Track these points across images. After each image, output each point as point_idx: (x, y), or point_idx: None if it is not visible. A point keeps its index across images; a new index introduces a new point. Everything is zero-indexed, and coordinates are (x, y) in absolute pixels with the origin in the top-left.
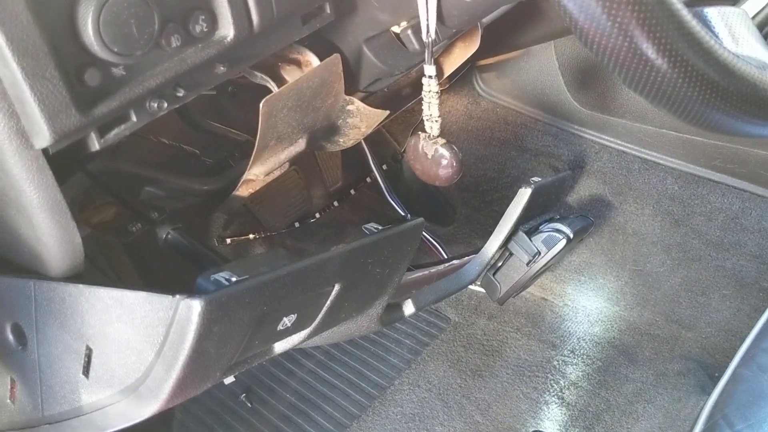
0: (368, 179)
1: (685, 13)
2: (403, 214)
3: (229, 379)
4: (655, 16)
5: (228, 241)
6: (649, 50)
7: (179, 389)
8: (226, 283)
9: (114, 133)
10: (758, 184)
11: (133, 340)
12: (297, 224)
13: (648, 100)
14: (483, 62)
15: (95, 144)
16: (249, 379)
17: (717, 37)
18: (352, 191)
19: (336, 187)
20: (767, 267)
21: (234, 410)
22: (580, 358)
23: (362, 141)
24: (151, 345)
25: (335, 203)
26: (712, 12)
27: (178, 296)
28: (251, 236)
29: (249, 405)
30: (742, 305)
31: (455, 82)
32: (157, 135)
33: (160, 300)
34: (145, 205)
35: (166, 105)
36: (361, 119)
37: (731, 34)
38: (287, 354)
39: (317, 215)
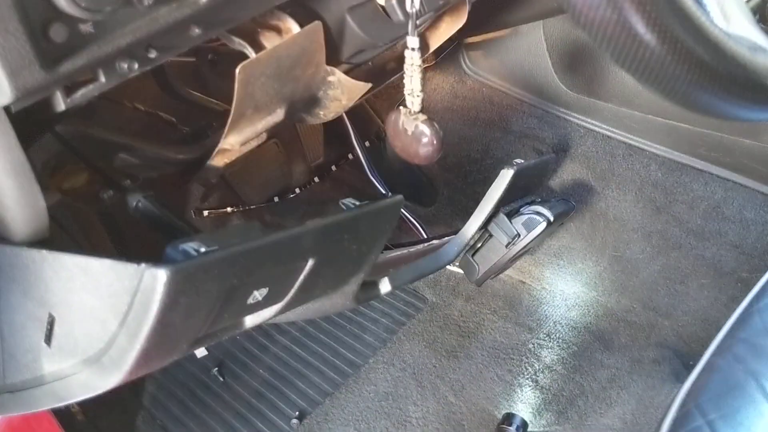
0: (350, 156)
1: None
2: (384, 192)
3: (201, 353)
4: None
5: (205, 213)
6: (638, 24)
7: (143, 360)
8: (195, 254)
9: (81, 93)
10: (742, 174)
11: (97, 309)
12: (276, 199)
13: (636, 78)
14: (470, 40)
15: (61, 104)
16: (222, 353)
17: (708, 14)
18: (334, 168)
19: (317, 162)
20: (746, 257)
21: (206, 384)
22: (555, 342)
23: (345, 117)
24: (115, 314)
25: (316, 179)
26: None
27: (143, 265)
28: (229, 209)
29: (221, 379)
30: (719, 295)
31: (442, 60)
32: (132, 101)
33: (125, 268)
34: (118, 172)
35: (137, 66)
36: (342, 91)
37: (723, 12)
38: (261, 329)
39: (297, 191)
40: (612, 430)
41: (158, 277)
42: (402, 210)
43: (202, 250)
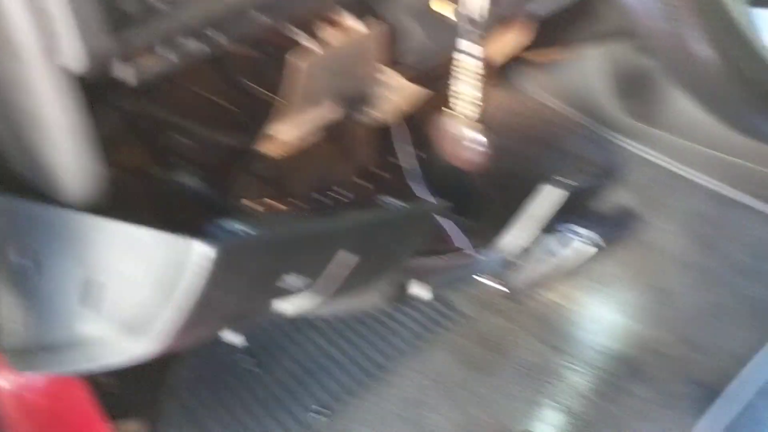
0: (402, 164)
1: (736, 9)
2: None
3: (231, 340)
4: (706, 6)
5: (248, 203)
6: (696, 40)
7: (183, 332)
8: (243, 234)
9: (151, 70)
10: None
11: (141, 278)
12: (321, 198)
13: (688, 94)
14: (532, 58)
15: (132, 78)
16: (252, 342)
17: (763, 37)
18: (384, 173)
19: (368, 167)
20: None
21: (233, 371)
22: (585, 367)
23: (397, 126)
24: (159, 286)
25: (364, 183)
26: (763, 14)
27: (194, 240)
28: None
29: (249, 368)
30: (756, 335)
31: (501, 75)
32: (191, 84)
33: (176, 241)
34: (170, 151)
35: (204, 47)
36: (399, 94)
37: None
38: (291, 322)
39: (344, 192)
40: None
41: (207, 253)
42: (446, 219)
43: (251, 231)
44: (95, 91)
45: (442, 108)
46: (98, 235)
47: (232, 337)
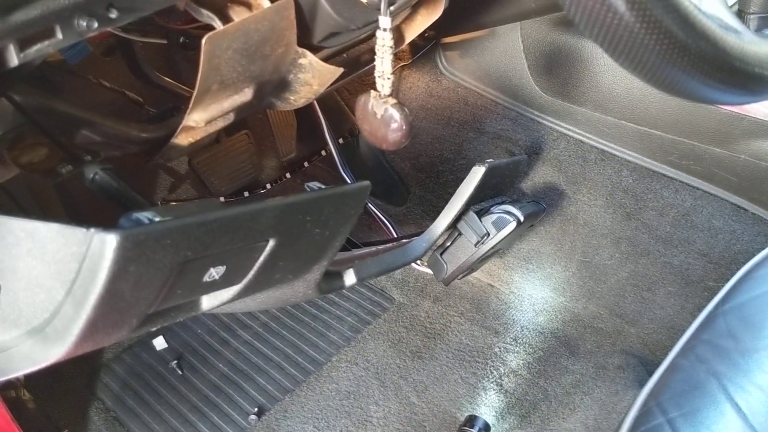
0: (323, 152)
1: None
2: None
3: (160, 345)
4: None
5: (173, 204)
6: None
7: (89, 332)
8: (147, 222)
9: (36, 49)
10: (711, 183)
11: (43, 276)
12: (246, 194)
13: (604, 48)
14: (447, 40)
15: (14, 58)
16: (182, 346)
17: None
18: (306, 164)
19: (289, 158)
20: (714, 266)
21: (163, 376)
22: (521, 347)
23: (320, 113)
24: (61, 282)
25: (287, 175)
26: None
27: (92, 230)
28: (197, 201)
29: (180, 372)
30: (686, 303)
31: (418, 59)
32: (99, 78)
33: (74, 233)
34: (79, 148)
35: (96, 25)
36: (313, 75)
37: None
38: (222, 323)
39: (268, 186)
40: None
41: (107, 242)
42: (373, 208)
43: (156, 219)
44: None
45: (361, 89)
46: None
47: (158, 341)
